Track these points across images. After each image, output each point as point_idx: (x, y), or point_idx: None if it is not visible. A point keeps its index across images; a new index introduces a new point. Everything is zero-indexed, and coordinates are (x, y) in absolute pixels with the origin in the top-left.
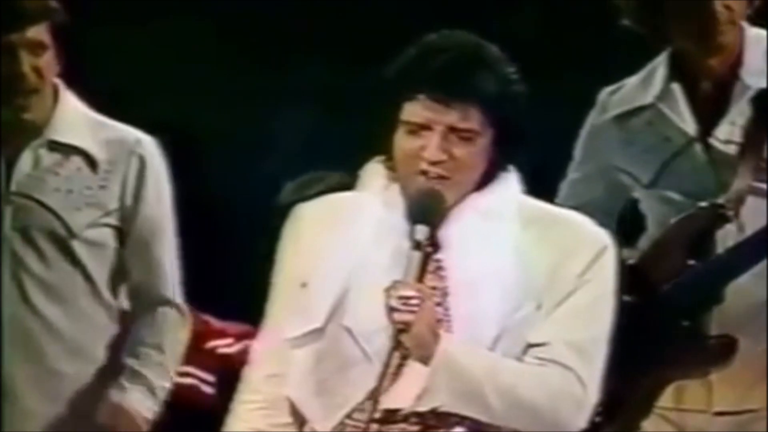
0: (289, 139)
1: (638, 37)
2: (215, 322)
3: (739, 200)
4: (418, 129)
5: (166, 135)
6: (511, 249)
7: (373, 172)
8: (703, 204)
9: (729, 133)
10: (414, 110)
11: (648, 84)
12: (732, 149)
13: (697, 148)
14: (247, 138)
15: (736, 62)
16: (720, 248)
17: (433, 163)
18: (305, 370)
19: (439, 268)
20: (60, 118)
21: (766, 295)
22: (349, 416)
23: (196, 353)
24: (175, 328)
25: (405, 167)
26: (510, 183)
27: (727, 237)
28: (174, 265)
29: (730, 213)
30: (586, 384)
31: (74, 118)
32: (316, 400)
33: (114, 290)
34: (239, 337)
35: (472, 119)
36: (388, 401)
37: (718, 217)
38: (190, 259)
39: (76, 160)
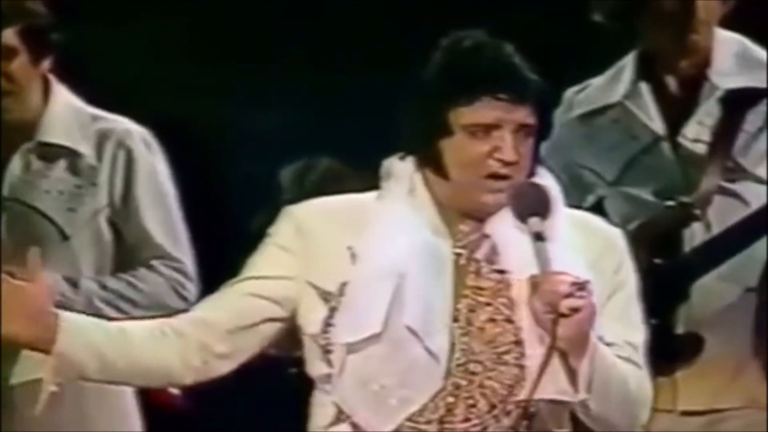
0: (268, 137)
1: (606, 36)
2: None
3: (707, 200)
4: (487, 130)
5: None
6: (565, 248)
7: (401, 175)
8: (671, 202)
9: (697, 132)
10: (480, 112)
11: (615, 83)
12: (700, 148)
13: (665, 146)
14: (228, 136)
15: (705, 63)
16: (687, 247)
17: (508, 164)
18: (361, 375)
19: (501, 271)
20: (49, 118)
21: (732, 293)
22: (409, 419)
23: None
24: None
25: (468, 172)
26: (551, 181)
27: (694, 236)
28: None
29: (698, 212)
30: (650, 383)
31: (64, 116)
32: (371, 405)
33: None
34: None
35: (533, 115)
36: (528, 393)
37: (687, 215)
38: None
39: (66, 160)
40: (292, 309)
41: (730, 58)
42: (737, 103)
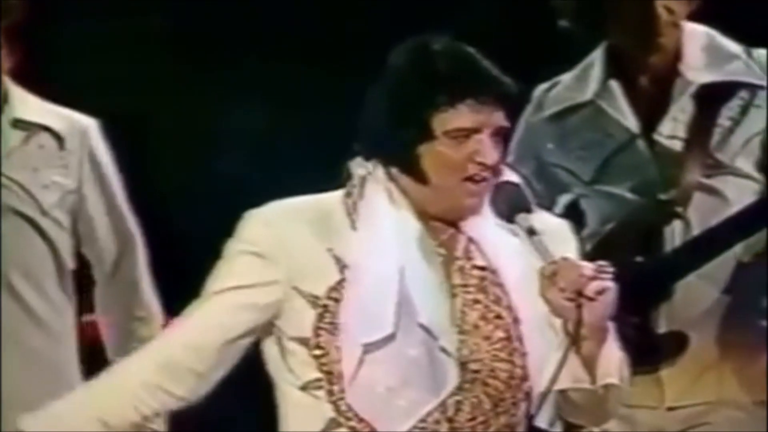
0: (243, 136)
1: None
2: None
3: (687, 196)
4: (468, 134)
5: (121, 130)
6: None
7: (377, 178)
8: (660, 197)
9: (672, 128)
10: (464, 116)
11: (584, 81)
12: (676, 145)
13: (640, 144)
14: (202, 134)
15: (675, 58)
16: (668, 245)
17: (487, 167)
18: (366, 378)
19: (481, 267)
20: (16, 99)
21: (714, 289)
22: (420, 419)
23: None
24: (150, 313)
25: (449, 176)
26: (516, 177)
27: (674, 233)
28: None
29: (680, 209)
30: None
31: (30, 99)
32: (379, 408)
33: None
34: None
35: (507, 118)
36: (548, 384)
37: (667, 213)
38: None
39: (38, 138)
40: (273, 314)
41: (700, 52)
42: (711, 97)
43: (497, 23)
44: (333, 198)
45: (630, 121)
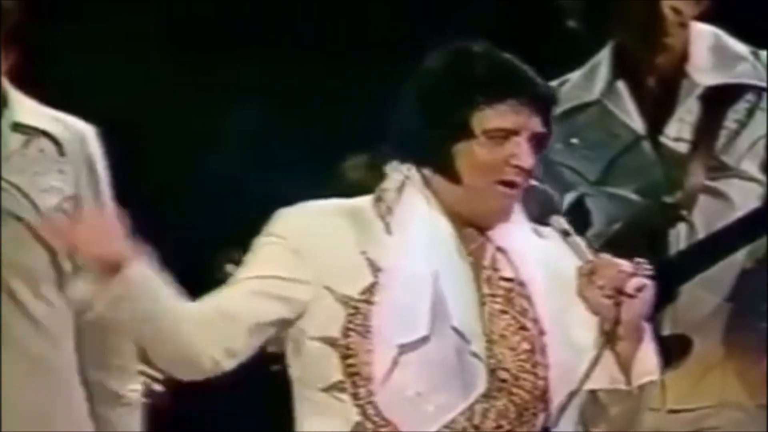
0: (238, 136)
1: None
2: None
3: (693, 199)
4: (506, 136)
5: (117, 130)
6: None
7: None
8: (665, 200)
9: (678, 130)
10: (505, 116)
11: (591, 80)
12: (682, 147)
13: (646, 145)
14: (197, 134)
15: (682, 59)
16: (672, 247)
17: (523, 171)
18: (406, 378)
19: (508, 279)
20: (15, 103)
21: (717, 292)
22: (446, 425)
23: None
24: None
25: (482, 177)
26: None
27: (679, 236)
28: None
29: (684, 212)
30: None
31: (28, 103)
32: (408, 411)
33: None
34: None
35: (544, 125)
36: (579, 384)
37: (672, 216)
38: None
39: (38, 143)
40: (300, 312)
41: (707, 52)
42: (717, 99)
43: (503, 23)
44: (363, 202)
45: (636, 122)
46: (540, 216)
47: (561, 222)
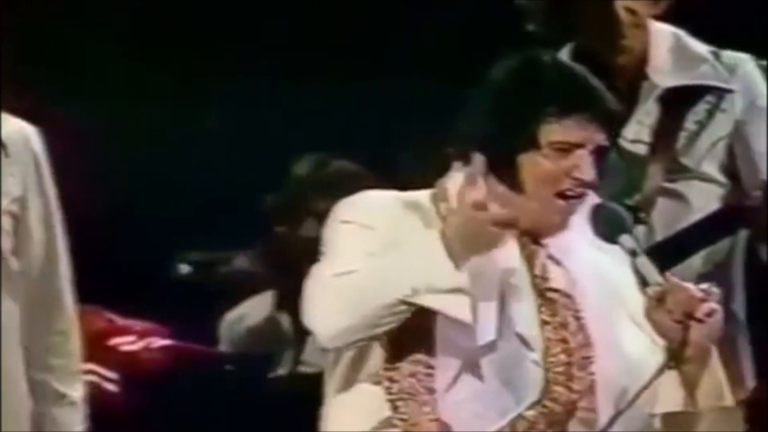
0: (218, 140)
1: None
2: (119, 320)
3: (651, 201)
4: (571, 149)
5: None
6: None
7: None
8: (624, 202)
9: (636, 132)
10: (571, 130)
11: None
12: (641, 149)
13: None
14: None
15: (642, 60)
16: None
17: (583, 183)
18: (465, 384)
19: (555, 290)
20: None
21: None
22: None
23: (99, 350)
24: (70, 327)
25: (544, 188)
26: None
27: (637, 239)
28: (65, 262)
29: (643, 214)
30: None
31: None
32: (472, 410)
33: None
34: (143, 335)
35: (607, 139)
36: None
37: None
38: (106, 255)
39: None
40: None
41: (667, 54)
42: (677, 101)
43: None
44: (421, 197)
45: None
46: (609, 235)
47: (630, 242)
